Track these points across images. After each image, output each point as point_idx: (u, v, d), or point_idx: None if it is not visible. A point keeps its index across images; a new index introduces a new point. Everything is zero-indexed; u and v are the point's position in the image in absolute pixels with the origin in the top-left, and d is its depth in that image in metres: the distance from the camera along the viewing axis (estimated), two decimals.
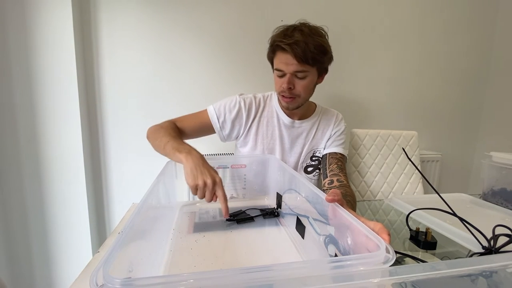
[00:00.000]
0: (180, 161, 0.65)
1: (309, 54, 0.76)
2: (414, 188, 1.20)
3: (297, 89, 0.82)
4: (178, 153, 0.66)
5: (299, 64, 0.78)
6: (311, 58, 0.77)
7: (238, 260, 0.54)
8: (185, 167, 0.62)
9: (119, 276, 0.27)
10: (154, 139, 0.78)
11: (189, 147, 0.68)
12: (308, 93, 0.86)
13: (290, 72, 0.79)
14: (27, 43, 1.11)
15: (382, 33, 1.49)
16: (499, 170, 0.90)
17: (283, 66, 0.80)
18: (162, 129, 0.80)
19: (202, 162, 0.63)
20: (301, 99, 0.85)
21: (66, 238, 1.25)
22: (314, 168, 0.96)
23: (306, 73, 0.80)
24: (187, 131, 0.88)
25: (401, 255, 0.56)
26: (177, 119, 0.89)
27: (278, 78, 0.84)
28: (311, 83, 0.83)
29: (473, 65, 1.63)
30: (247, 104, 0.92)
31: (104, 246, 0.59)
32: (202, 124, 0.91)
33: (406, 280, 0.28)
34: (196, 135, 0.91)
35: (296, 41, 0.76)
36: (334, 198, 0.44)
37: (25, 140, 1.16)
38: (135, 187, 1.36)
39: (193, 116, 0.91)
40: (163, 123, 0.85)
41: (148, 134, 0.83)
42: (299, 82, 0.81)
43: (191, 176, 0.60)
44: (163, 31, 1.28)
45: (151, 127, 0.84)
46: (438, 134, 1.67)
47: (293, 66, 0.78)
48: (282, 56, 0.79)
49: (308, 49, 0.76)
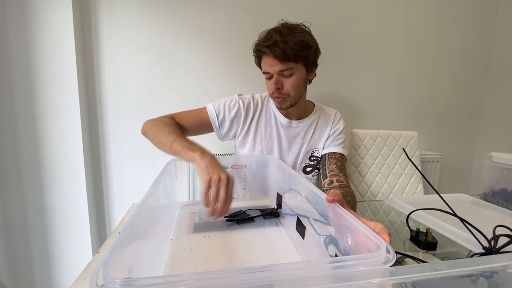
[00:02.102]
0: (193, 159, 0.64)
1: (289, 52, 0.77)
2: (414, 189, 1.20)
3: (285, 88, 0.83)
4: (191, 152, 0.65)
5: (282, 63, 0.79)
6: (293, 54, 0.78)
7: (238, 260, 0.54)
8: (199, 164, 0.62)
9: (119, 276, 0.27)
10: (155, 136, 0.77)
11: (201, 147, 0.68)
12: (298, 90, 0.86)
13: (275, 72, 0.81)
14: (27, 43, 1.12)
15: (382, 33, 1.49)
16: (500, 171, 0.90)
17: (268, 68, 0.82)
18: (164, 125, 0.79)
19: (216, 161, 0.63)
20: (292, 97, 0.85)
21: (66, 238, 1.25)
22: (312, 168, 0.96)
23: (291, 71, 0.81)
24: (187, 128, 0.87)
25: (401, 255, 0.56)
26: (175, 115, 0.88)
27: (267, 81, 0.86)
28: (299, 79, 0.84)
29: (473, 65, 1.63)
30: (246, 105, 0.93)
31: (104, 246, 0.59)
32: (201, 121, 0.90)
33: (407, 281, 0.28)
34: (194, 132, 0.90)
35: (274, 42, 0.78)
36: (335, 198, 0.44)
37: (25, 140, 1.16)
38: (135, 187, 1.36)
39: (192, 113, 0.91)
40: (162, 118, 0.83)
41: (146, 129, 0.82)
42: (287, 80, 0.82)
43: (206, 171, 0.59)
44: (164, 31, 1.28)
45: (148, 122, 0.83)
46: (438, 135, 1.67)
47: (276, 66, 0.80)
48: (266, 60, 0.82)
49: (288, 47, 0.77)
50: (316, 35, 0.86)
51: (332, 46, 1.44)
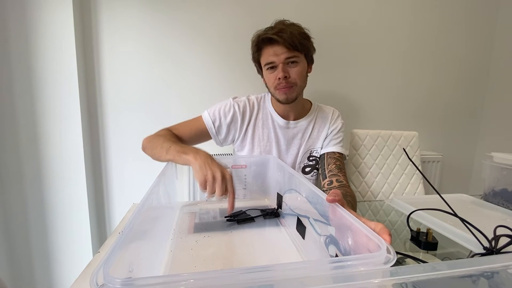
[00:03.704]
0: (187, 161, 0.64)
1: (296, 40, 0.79)
2: (415, 189, 1.20)
3: (292, 76, 0.83)
4: (185, 154, 0.65)
5: (289, 50, 0.80)
6: (299, 43, 0.79)
7: (238, 260, 0.54)
8: (194, 165, 0.62)
9: (119, 276, 0.27)
10: (153, 148, 0.77)
11: (195, 148, 0.68)
12: (303, 81, 0.86)
13: (281, 61, 0.81)
14: (28, 43, 1.12)
15: (383, 33, 1.48)
16: (500, 171, 0.90)
17: (273, 57, 0.81)
18: (160, 137, 0.79)
19: (210, 159, 0.63)
20: (298, 87, 0.85)
21: (67, 238, 1.25)
22: (311, 168, 0.96)
23: (297, 59, 0.82)
24: (184, 139, 0.87)
25: (402, 255, 0.56)
26: (172, 127, 0.88)
27: (270, 74, 0.85)
28: (303, 70, 0.84)
29: (473, 65, 1.63)
30: (241, 108, 0.92)
31: (104, 246, 0.59)
32: (198, 130, 0.90)
33: (407, 281, 0.28)
34: (193, 142, 0.90)
35: (281, 29, 0.79)
36: (335, 199, 0.44)
37: (26, 140, 1.17)
38: (135, 187, 1.36)
39: (188, 123, 0.90)
40: (159, 132, 0.83)
41: (145, 145, 0.81)
42: (293, 69, 0.82)
43: (200, 172, 0.60)
44: (164, 31, 1.28)
45: (146, 138, 0.82)
46: (439, 135, 1.67)
47: (283, 54, 0.80)
48: (270, 49, 0.82)
49: (294, 35, 0.78)
50: (317, 34, 0.87)
51: (332, 46, 1.44)
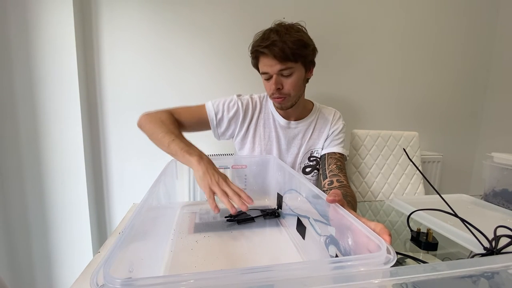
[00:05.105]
0: (190, 163, 0.65)
1: (288, 51, 0.77)
2: (415, 189, 1.20)
3: (285, 88, 0.82)
4: (189, 155, 0.65)
5: (281, 63, 0.78)
6: (292, 54, 0.77)
7: (238, 260, 0.54)
8: (197, 171, 0.62)
9: (119, 276, 0.27)
10: (153, 132, 0.76)
11: (199, 151, 0.68)
12: (298, 90, 0.86)
13: (274, 72, 0.80)
14: (28, 42, 1.12)
15: (383, 33, 1.48)
16: (501, 171, 0.90)
17: (267, 68, 0.81)
18: (162, 122, 0.78)
19: (212, 166, 0.64)
20: (292, 97, 0.85)
21: (67, 238, 1.25)
22: (312, 169, 0.96)
23: (291, 70, 0.80)
24: (184, 124, 0.87)
25: (402, 256, 0.56)
26: (174, 111, 0.87)
27: (266, 82, 0.85)
28: (298, 79, 0.83)
29: (474, 66, 1.63)
30: (244, 106, 0.92)
31: (104, 246, 0.59)
32: (200, 118, 0.90)
33: (407, 281, 0.28)
34: (191, 128, 0.90)
35: (272, 42, 0.77)
36: (335, 199, 0.44)
37: (26, 140, 1.17)
38: (135, 187, 1.36)
39: (190, 110, 0.90)
40: (160, 114, 0.82)
41: (142, 122, 0.81)
42: (286, 80, 0.82)
43: (204, 179, 0.60)
44: (165, 31, 1.28)
45: (146, 116, 0.82)
46: (439, 135, 1.67)
47: (276, 66, 0.79)
48: (264, 60, 0.81)
49: (287, 46, 0.76)
50: (317, 35, 0.86)
51: (332, 46, 1.44)
